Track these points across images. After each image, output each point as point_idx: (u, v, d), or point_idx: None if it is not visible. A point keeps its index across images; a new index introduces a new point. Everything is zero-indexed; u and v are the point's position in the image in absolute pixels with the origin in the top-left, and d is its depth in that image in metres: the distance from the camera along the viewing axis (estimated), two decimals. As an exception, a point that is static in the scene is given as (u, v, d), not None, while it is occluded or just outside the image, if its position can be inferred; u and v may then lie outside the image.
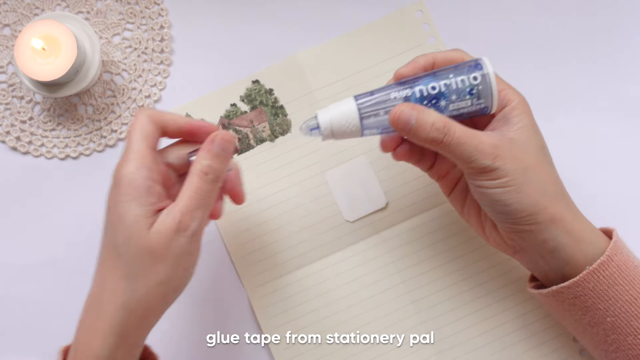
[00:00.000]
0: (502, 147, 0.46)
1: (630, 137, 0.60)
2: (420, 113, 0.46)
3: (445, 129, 0.46)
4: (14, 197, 0.60)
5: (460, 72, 0.47)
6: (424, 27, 0.61)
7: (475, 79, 0.47)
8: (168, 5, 0.62)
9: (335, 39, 0.61)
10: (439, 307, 0.59)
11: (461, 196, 0.53)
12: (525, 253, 0.50)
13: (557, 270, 0.49)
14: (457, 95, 0.47)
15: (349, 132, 0.47)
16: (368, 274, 0.59)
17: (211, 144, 0.46)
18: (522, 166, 0.46)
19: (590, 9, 0.61)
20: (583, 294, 0.48)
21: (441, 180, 0.53)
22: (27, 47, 0.55)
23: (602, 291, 0.47)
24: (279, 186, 0.60)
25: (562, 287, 0.48)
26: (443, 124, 0.46)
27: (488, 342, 0.58)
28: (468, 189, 0.51)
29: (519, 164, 0.46)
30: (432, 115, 0.46)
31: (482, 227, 0.52)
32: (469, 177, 0.48)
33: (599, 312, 0.48)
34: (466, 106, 0.47)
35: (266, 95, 0.61)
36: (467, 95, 0.47)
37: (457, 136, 0.46)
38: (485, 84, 0.47)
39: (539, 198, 0.47)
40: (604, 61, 0.61)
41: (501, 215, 0.48)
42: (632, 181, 0.60)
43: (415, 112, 0.46)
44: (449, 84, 0.47)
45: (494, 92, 0.47)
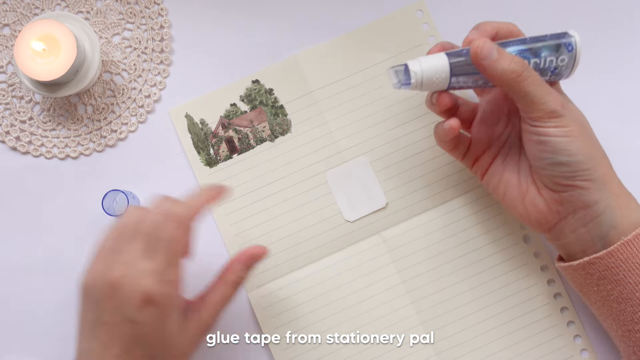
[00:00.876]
0: (565, 102, 0.50)
1: (630, 137, 0.60)
2: (501, 49, 0.48)
3: (525, 65, 0.48)
4: (14, 197, 0.60)
5: (551, 40, 0.51)
6: (424, 27, 0.61)
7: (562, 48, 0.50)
8: (168, 5, 0.62)
9: (335, 39, 0.61)
10: (439, 307, 0.59)
11: (498, 171, 0.54)
12: (566, 223, 0.50)
13: (599, 238, 0.49)
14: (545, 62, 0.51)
15: (436, 85, 0.50)
16: (368, 274, 0.59)
17: (250, 259, 0.52)
18: (580, 122, 0.50)
19: (591, 9, 0.61)
20: (615, 265, 0.48)
21: (476, 163, 0.55)
22: (26, 47, 0.55)
23: (635, 264, 0.48)
24: (278, 186, 0.60)
25: (594, 257, 0.49)
26: (522, 60, 0.48)
27: (488, 342, 0.58)
28: (505, 165, 0.53)
29: (579, 120, 0.50)
30: (511, 54, 0.48)
31: (522, 197, 0.52)
32: (534, 122, 0.49)
33: (629, 286, 0.48)
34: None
35: (266, 95, 0.61)
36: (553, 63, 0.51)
37: (535, 74, 0.48)
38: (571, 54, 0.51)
39: (596, 153, 0.50)
40: (604, 62, 0.61)
41: (562, 167, 0.49)
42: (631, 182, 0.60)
43: (496, 47, 0.48)
44: (540, 52, 0.50)
45: (577, 62, 0.51)
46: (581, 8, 0.61)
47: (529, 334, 0.58)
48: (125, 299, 0.46)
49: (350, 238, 0.60)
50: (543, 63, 0.50)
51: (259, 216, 0.60)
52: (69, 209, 0.60)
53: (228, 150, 0.60)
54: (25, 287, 0.60)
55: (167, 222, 0.48)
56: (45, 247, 0.60)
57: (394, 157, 0.60)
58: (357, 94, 0.60)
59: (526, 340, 0.58)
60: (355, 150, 0.60)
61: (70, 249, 0.60)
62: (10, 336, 0.59)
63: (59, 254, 0.60)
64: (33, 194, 0.60)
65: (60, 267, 0.60)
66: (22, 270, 0.60)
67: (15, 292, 0.60)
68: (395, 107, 0.60)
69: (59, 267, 0.60)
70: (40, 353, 0.59)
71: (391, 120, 0.60)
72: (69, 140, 0.61)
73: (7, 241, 0.60)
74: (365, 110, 0.60)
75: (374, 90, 0.60)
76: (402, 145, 0.60)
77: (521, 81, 0.48)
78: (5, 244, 0.60)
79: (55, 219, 0.60)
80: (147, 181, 0.60)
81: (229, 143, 0.60)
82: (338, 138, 0.60)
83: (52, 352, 0.59)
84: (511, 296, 0.59)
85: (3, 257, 0.60)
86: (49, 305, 0.59)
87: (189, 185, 0.60)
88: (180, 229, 0.48)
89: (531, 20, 0.61)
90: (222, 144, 0.60)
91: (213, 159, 0.60)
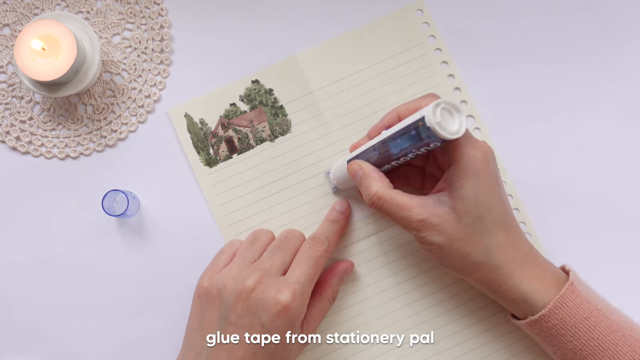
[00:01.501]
0: (430, 221, 0.49)
1: (630, 138, 0.60)
2: (364, 176, 0.52)
3: (380, 201, 0.50)
4: (14, 197, 0.60)
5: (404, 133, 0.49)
6: (424, 27, 0.61)
7: (415, 136, 0.48)
8: (168, 5, 0.62)
9: (335, 39, 0.61)
10: (438, 306, 0.59)
11: None
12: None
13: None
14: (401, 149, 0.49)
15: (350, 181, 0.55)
16: (368, 273, 0.59)
17: (344, 273, 0.58)
18: (447, 239, 0.49)
19: (591, 9, 0.61)
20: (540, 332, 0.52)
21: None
22: (26, 47, 0.55)
23: (546, 338, 0.51)
24: (278, 186, 0.60)
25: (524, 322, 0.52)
26: (378, 196, 0.50)
27: (487, 342, 0.58)
28: None
29: (445, 237, 0.49)
30: (373, 182, 0.51)
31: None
32: (413, 233, 0.51)
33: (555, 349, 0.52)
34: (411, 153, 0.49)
35: (266, 95, 0.61)
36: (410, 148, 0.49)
37: (386, 207, 0.50)
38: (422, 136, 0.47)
39: (462, 265, 0.51)
40: (604, 62, 0.61)
41: (455, 269, 0.52)
42: (631, 182, 0.60)
43: (361, 172, 0.52)
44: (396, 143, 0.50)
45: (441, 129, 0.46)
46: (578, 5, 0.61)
47: (527, 334, 0.58)
48: (260, 303, 0.51)
49: (350, 238, 0.60)
50: (403, 155, 0.50)
51: (259, 216, 0.60)
52: (69, 209, 0.60)
53: (228, 150, 0.60)
54: (25, 287, 0.60)
55: (305, 241, 0.55)
56: (45, 247, 0.60)
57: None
58: (357, 94, 0.60)
59: (524, 340, 0.58)
60: (355, 150, 0.60)
61: (70, 249, 0.60)
62: (10, 336, 0.59)
63: (59, 254, 0.60)
64: (33, 194, 0.60)
65: (60, 267, 0.60)
66: (22, 270, 0.60)
67: (15, 292, 0.60)
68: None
69: (59, 267, 0.60)
70: (40, 353, 0.59)
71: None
72: (69, 140, 0.61)
73: (7, 241, 0.60)
74: (365, 111, 0.60)
75: (373, 90, 0.60)
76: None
77: (380, 210, 0.51)
78: (5, 244, 0.60)
79: (55, 219, 0.60)
80: (147, 181, 0.60)
81: (229, 143, 0.60)
82: (338, 138, 0.60)
83: (52, 352, 0.60)
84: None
85: (3, 257, 0.60)
86: (49, 305, 0.59)
87: (188, 186, 0.60)
88: (322, 251, 0.54)
89: (531, 19, 0.61)
90: (221, 143, 0.60)
91: (213, 158, 0.60)
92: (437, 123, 0.45)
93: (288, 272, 0.53)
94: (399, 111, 0.53)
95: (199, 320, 0.53)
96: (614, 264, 0.59)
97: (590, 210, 0.60)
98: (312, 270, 0.53)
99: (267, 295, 0.51)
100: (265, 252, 0.55)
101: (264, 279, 0.52)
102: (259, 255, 0.55)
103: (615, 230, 0.59)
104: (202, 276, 0.54)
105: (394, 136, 0.49)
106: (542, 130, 0.60)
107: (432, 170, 0.55)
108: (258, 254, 0.55)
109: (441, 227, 0.49)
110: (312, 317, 0.55)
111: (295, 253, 0.54)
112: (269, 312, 0.50)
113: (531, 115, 0.60)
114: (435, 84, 0.60)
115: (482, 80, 0.61)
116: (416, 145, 0.47)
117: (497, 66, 0.61)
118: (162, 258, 0.60)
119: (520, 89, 0.61)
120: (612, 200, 0.60)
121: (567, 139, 0.60)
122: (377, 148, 0.51)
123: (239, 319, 0.51)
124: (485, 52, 0.61)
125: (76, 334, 0.59)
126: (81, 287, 0.60)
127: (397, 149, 0.49)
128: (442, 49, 0.61)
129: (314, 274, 0.53)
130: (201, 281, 0.54)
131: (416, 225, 0.49)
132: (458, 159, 0.49)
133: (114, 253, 0.60)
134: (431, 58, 0.61)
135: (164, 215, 0.60)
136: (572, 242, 0.59)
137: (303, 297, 0.51)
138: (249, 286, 0.51)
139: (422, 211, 0.49)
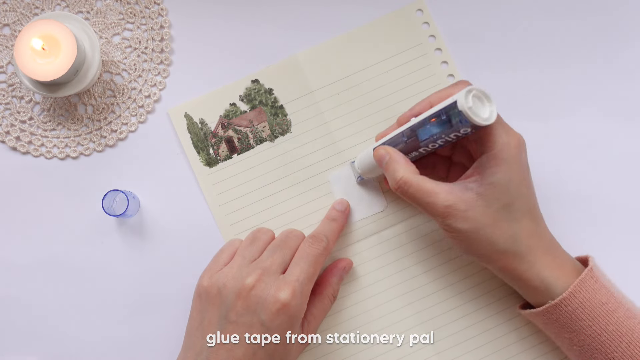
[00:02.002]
0: (457, 207, 0.49)
1: (629, 138, 0.60)
2: (391, 160, 0.51)
3: (406, 186, 0.50)
4: (14, 197, 0.60)
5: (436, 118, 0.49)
6: (424, 27, 0.61)
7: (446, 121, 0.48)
8: (168, 5, 0.62)
9: (335, 39, 0.61)
10: (438, 307, 0.59)
11: None
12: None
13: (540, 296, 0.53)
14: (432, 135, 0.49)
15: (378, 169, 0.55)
16: (368, 273, 0.59)
17: (343, 271, 0.58)
18: (474, 226, 0.49)
19: (591, 10, 0.61)
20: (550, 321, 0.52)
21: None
22: (26, 46, 0.55)
23: (564, 325, 0.51)
24: (278, 186, 0.60)
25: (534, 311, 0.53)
26: (404, 180, 0.50)
27: (487, 342, 0.58)
28: None
29: (471, 224, 0.49)
30: (399, 167, 0.51)
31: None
32: (437, 219, 0.51)
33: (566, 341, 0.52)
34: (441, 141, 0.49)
35: (266, 95, 0.61)
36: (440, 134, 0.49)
37: (412, 192, 0.50)
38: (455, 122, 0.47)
39: (488, 252, 0.50)
40: (603, 62, 0.61)
41: (479, 255, 0.52)
42: (630, 182, 0.60)
43: (387, 156, 0.52)
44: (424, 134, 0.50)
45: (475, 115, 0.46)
46: (578, 6, 0.61)
47: (526, 334, 0.58)
48: (260, 301, 0.50)
49: (350, 238, 0.60)
50: (432, 142, 0.49)
51: (259, 216, 0.60)
52: (69, 209, 0.60)
53: (228, 150, 0.60)
54: (25, 287, 0.60)
55: (305, 240, 0.55)
56: (45, 247, 0.60)
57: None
58: (357, 94, 0.60)
59: (524, 340, 0.58)
60: (355, 151, 0.60)
61: (70, 249, 0.60)
62: (10, 336, 0.59)
63: (59, 254, 0.60)
64: (33, 194, 0.60)
65: (60, 267, 0.60)
66: (22, 270, 0.60)
67: (15, 292, 0.60)
68: (395, 108, 0.60)
69: (59, 267, 0.60)
70: (40, 353, 0.59)
71: (391, 121, 0.60)
72: (69, 140, 0.61)
73: (7, 241, 0.60)
74: (365, 111, 0.60)
75: (374, 90, 0.60)
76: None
77: (404, 196, 0.51)
78: (5, 244, 0.60)
79: (55, 219, 0.60)
80: (147, 181, 0.60)
81: (229, 143, 0.60)
82: (338, 138, 0.60)
83: (52, 352, 0.59)
84: (509, 295, 0.59)
85: (3, 257, 0.60)
86: (49, 305, 0.59)
87: (188, 186, 0.60)
88: (321, 249, 0.54)
89: (531, 20, 0.61)
90: (221, 143, 0.60)
91: (213, 158, 0.60)
92: (469, 108, 0.45)
93: (287, 270, 0.53)
94: (430, 100, 0.52)
95: (199, 320, 0.53)
96: (614, 263, 0.59)
97: (590, 210, 0.60)
98: (311, 268, 0.53)
99: (267, 294, 0.51)
100: (265, 251, 0.55)
101: (264, 277, 0.52)
102: (259, 254, 0.54)
103: (616, 230, 0.59)
104: (202, 275, 0.54)
105: (423, 122, 0.49)
106: (541, 131, 0.60)
107: (460, 158, 0.55)
108: (258, 253, 0.55)
109: (468, 214, 0.49)
110: (313, 317, 0.55)
111: (295, 252, 0.54)
112: (269, 310, 0.50)
113: (530, 116, 0.60)
114: (435, 84, 0.60)
115: (482, 81, 0.61)
116: (446, 131, 0.47)
117: (497, 66, 0.61)
118: (162, 258, 0.60)
119: (520, 90, 0.61)
120: (613, 200, 0.60)
121: (567, 139, 0.60)
122: (405, 134, 0.51)
123: (239, 317, 0.51)
124: (485, 53, 0.61)
125: (76, 334, 0.59)
126: (81, 287, 0.60)
127: (427, 135, 0.49)
128: (442, 49, 0.61)
129: (314, 272, 0.53)
130: (201, 280, 0.54)
131: (442, 212, 0.49)
132: (492, 147, 0.49)
133: (114, 253, 0.60)
134: (431, 58, 0.61)
135: (164, 215, 0.60)
136: (573, 242, 0.59)
137: (303, 295, 0.51)
138: (249, 284, 0.51)
139: (449, 197, 0.49)
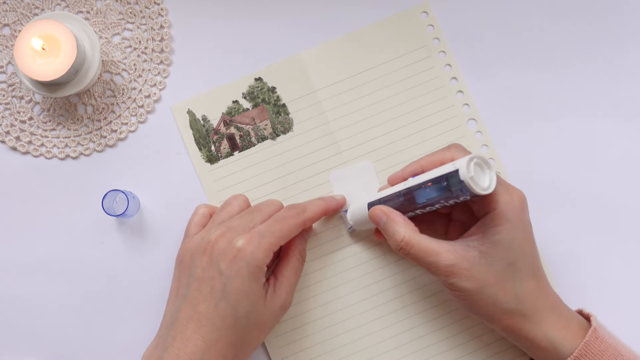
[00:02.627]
0: (460, 266, 0.48)
1: (630, 138, 0.60)
2: (389, 221, 0.51)
3: (408, 247, 0.50)
4: (14, 197, 0.60)
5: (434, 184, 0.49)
6: (429, 29, 0.61)
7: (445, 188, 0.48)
8: (168, 5, 0.62)
9: (339, 39, 0.61)
10: (438, 307, 0.59)
11: None
12: None
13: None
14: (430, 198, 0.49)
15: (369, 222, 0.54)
16: (367, 274, 0.59)
17: (305, 232, 0.56)
18: (478, 285, 0.49)
19: (592, 11, 0.61)
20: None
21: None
22: (26, 46, 0.55)
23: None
24: (279, 184, 0.60)
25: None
26: (406, 242, 0.50)
27: (488, 343, 0.58)
28: None
29: (475, 283, 0.49)
30: (399, 228, 0.50)
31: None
32: (441, 279, 0.50)
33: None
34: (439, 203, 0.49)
35: (268, 93, 0.60)
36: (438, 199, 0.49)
37: (414, 253, 0.49)
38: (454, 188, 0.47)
39: (492, 312, 0.50)
40: (603, 63, 0.61)
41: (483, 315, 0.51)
42: (630, 182, 0.60)
43: (385, 217, 0.51)
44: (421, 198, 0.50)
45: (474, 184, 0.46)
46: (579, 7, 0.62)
47: None
48: (220, 252, 0.50)
49: (350, 238, 0.59)
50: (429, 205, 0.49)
51: (260, 216, 0.60)
52: (69, 209, 0.60)
53: (229, 147, 0.60)
54: (25, 287, 0.59)
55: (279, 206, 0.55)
56: (45, 247, 0.59)
57: (395, 158, 0.60)
58: (360, 95, 0.60)
59: None
60: (356, 151, 0.60)
61: (70, 249, 0.59)
62: (10, 336, 0.59)
63: (59, 254, 0.59)
64: (33, 194, 0.60)
65: (60, 267, 0.59)
66: (22, 270, 0.59)
67: (15, 292, 0.59)
68: (398, 109, 0.60)
69: (59, 267, 0.59)
70: (40, 353, 0.59)
71: (393, 122, 0.60)
72: (69, 140, 0.60)
73: (7, 241, 0.60)
74: (367, 111, 0.60)
75: (376, 91, 0.60)
76: (403, 147, 0.60)
77: (405, 256, 0.50)
78: (5, 244, 0.60)
79: (55, 218, 0.60)
80: (147, 181, 0.60)
81: (231, 140, 0.60)
82: (339, 138, 0.60)
83: (52, 352, 0.59)
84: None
85: (3, 257, 0.59)
86: (49, 305, 0.59)
87: (188, 186, 0.60)
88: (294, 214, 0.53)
89: (534, 22, 0.61)
90: (223, 140, 0.60)
91: (214, 155, 0.60)
92: (470, 178, 0.45)
93: (249, 222, 0.52)
94: (422, 164, 0.52)
95: (175, 287, 0.53)
96: (614, 263, 0.59)
97: (590, 210, 0.60)
98: (277, 225, 0.51)
99: (227, 244, 0.50)
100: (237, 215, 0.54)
101: (228, 233, 0.51)
102: (230, 218, 0.54)
103: (616, 230, 0.59)
104: (178, 250, 0.55)
105: (422, 185, 0.49)
106: (544, 132, 0.60)
107: (459, 216, 0.55)
108: (228, 217, 0.54)
109: (471, 272, 0.48)
110: (284, 277, 0.53)
111: (268, 218, 0.53)
112: (227, 259, 0.49)
113: (534, 118, 0.60)
114: (439, 86, 0.60)
115: (486, 83, 0.61)
116: (444, 196, 0.48)
117: (500, 69, 0.61)
118: (162, 258, 0.59)
119: (523, 92, 0.61)
120: (613, 200, 0.60)
121: (569, 140, 0.60)
122: (401, 194, 0.51)
123: (204, 272, 0.50)
124: (489, 55, 0.61)
125: (76, 334, 0.59)
126: (81, 287, 0.59)
127: (424, 198, 0.49)
128: (446, 51, 0.61)
129: (279, 229, 0.51)
130: (177, 254, 0.54)
131: (445, 271, 0.48)
132: (495, 207, 0.48)
133: (114, 253, 0.59)
134: (435, 60, 0.61)
135: (164, 215, 0.60)
136: (572, 242, 0.59)
137: (261, 245, 0.50)
138: (212, 239, 0.51)
139: (451, 256, 0.48)
